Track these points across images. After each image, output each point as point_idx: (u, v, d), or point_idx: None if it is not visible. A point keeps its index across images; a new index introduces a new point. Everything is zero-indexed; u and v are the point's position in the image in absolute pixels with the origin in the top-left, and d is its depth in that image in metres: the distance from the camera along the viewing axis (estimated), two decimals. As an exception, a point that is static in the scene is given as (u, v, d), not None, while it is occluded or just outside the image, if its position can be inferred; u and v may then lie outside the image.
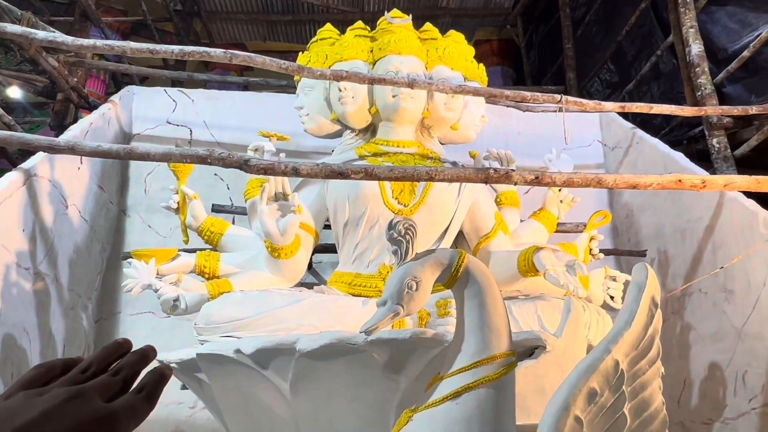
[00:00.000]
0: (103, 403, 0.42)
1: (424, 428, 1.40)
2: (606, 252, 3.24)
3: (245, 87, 4.63)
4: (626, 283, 2.77)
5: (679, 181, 2.32)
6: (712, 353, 3.21)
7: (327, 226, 2.87)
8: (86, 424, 0.41)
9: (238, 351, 1.88)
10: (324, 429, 1.88)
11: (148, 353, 0.53)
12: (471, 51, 3.12)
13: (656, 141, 3.74)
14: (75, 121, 3.74)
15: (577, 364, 1.45)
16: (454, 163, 2.90)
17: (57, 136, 3.08)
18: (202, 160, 2.12)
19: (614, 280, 2.75)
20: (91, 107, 3.93)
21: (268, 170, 2.11)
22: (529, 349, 1.83)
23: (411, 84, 2.63)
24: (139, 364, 0.51)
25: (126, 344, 0.54)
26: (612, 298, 2.73)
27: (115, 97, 3.83)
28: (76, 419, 0.39)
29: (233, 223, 3.03)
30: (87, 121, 3.42)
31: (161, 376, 0.50)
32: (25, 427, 0.39)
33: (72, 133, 3.22)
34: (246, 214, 3.06)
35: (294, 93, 3.15)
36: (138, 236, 3.71)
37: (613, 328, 1.51)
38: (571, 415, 1.37)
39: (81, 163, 3.30)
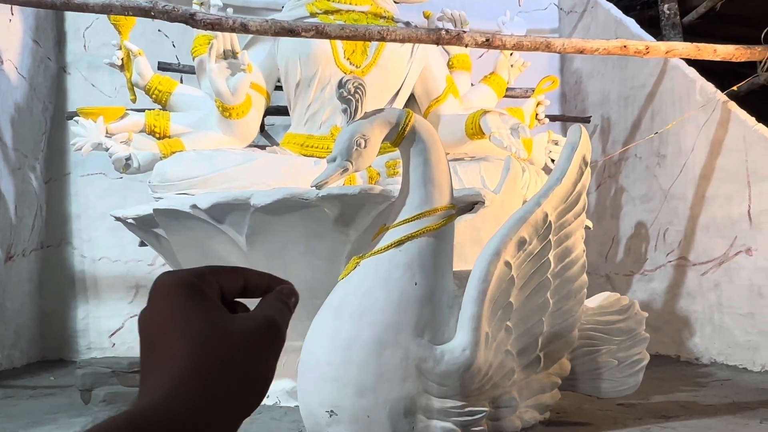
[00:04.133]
0: None
1: (370, 272, 1.54)
2: (552, 118, 3.34)
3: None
4: (567, 147, 2.92)
5: (624, 46, 2.38)
6: (640, 213, 3.48)
7: (279, 87, 2.85)
8: None
9: (194, 206, 1.95)
10: (279, 278, 2.03)
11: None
12: None
13: (610, 6, 3.73)
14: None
15: (511, 216, 1.59)
16: (407, 24, 2.85)
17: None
18: (144, 12, 2.04)
19: (556, 144, 2.87)
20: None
21: (216, 25, 2.05)
22: (469, 204, 1.97)
23: (364, -65, 2.50)
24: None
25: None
26: (553, 161, 2.88)
27: (41, -60, 3.49)
28: None
29: (181, 82, 2.96)
30: (13, -34, 3.13)
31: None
32: None
33: (-2, -20, 2.97)
34: (194, 72, 2.99)
35: (240, -58, 2.96)
36: (81, 95, 3.58)
37: (545, 184, 1.64)
38: (501, 260, 1.53)
39: (12, 14, 3.08)
